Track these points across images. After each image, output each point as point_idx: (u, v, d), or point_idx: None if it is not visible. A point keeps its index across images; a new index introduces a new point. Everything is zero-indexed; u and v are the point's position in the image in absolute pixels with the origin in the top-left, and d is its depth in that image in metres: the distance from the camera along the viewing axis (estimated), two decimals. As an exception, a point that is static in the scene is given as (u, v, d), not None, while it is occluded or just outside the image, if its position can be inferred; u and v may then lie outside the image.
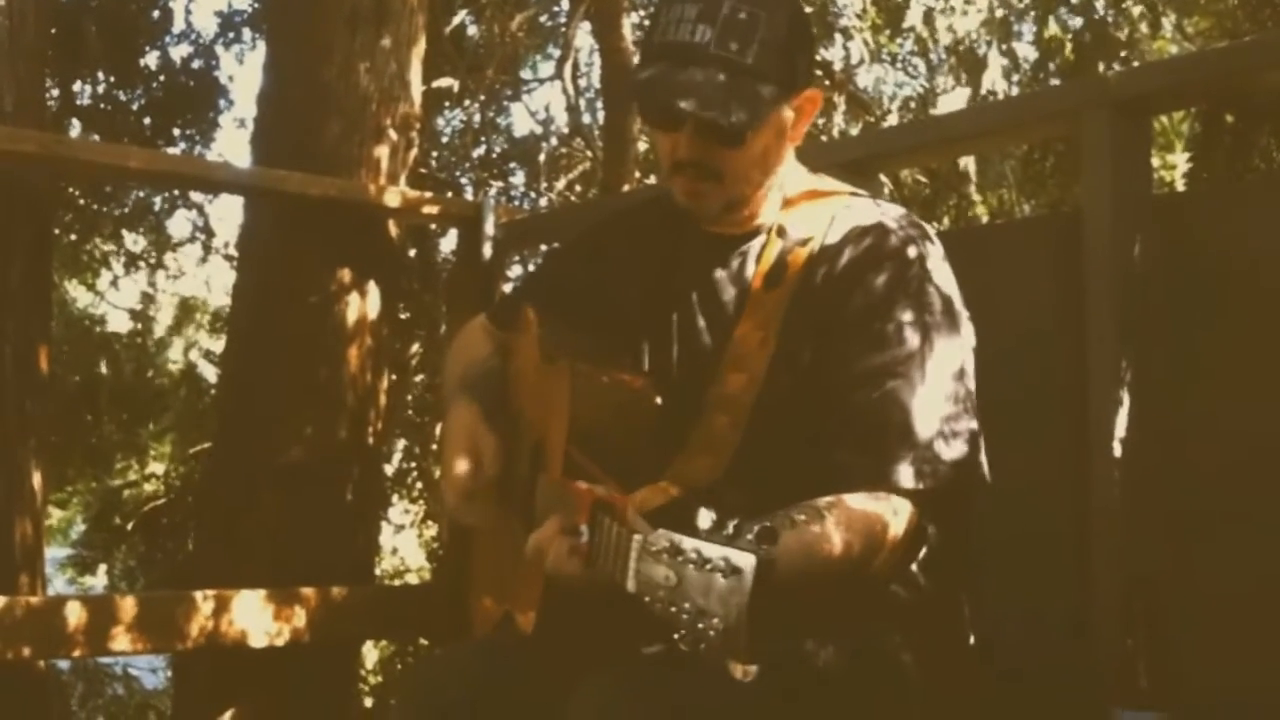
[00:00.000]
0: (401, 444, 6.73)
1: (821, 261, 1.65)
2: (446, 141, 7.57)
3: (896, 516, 1.50)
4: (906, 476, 1.52)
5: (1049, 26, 5.96)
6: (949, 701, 1.63)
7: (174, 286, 9.05)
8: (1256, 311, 1.99)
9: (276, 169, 3.65)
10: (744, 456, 1.59)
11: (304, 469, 3.65)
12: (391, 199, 3.58)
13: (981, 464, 1.59)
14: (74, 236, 7.16)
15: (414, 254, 5.86)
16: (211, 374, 8.19)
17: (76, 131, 6.64)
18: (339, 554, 3.67)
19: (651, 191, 2.82)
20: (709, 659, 1.14)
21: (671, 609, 1.17)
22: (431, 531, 7.17)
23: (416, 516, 7.41)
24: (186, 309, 9.54)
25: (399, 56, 3.97)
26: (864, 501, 1.48)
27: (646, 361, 1.72)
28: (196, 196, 7.26)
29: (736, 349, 1.64)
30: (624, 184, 5.96)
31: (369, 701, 6.35)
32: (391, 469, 6.64)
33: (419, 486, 7.02)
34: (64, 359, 7.48)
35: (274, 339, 3.77)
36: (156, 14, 6.78)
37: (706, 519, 1.18)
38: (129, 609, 2.96)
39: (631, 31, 6.09)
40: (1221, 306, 2.02)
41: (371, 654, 6.81)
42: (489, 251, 3.46)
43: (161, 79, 6.87)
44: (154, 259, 8.09)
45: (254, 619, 3.05)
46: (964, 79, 6.04)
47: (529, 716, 1.54)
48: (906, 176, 6.19)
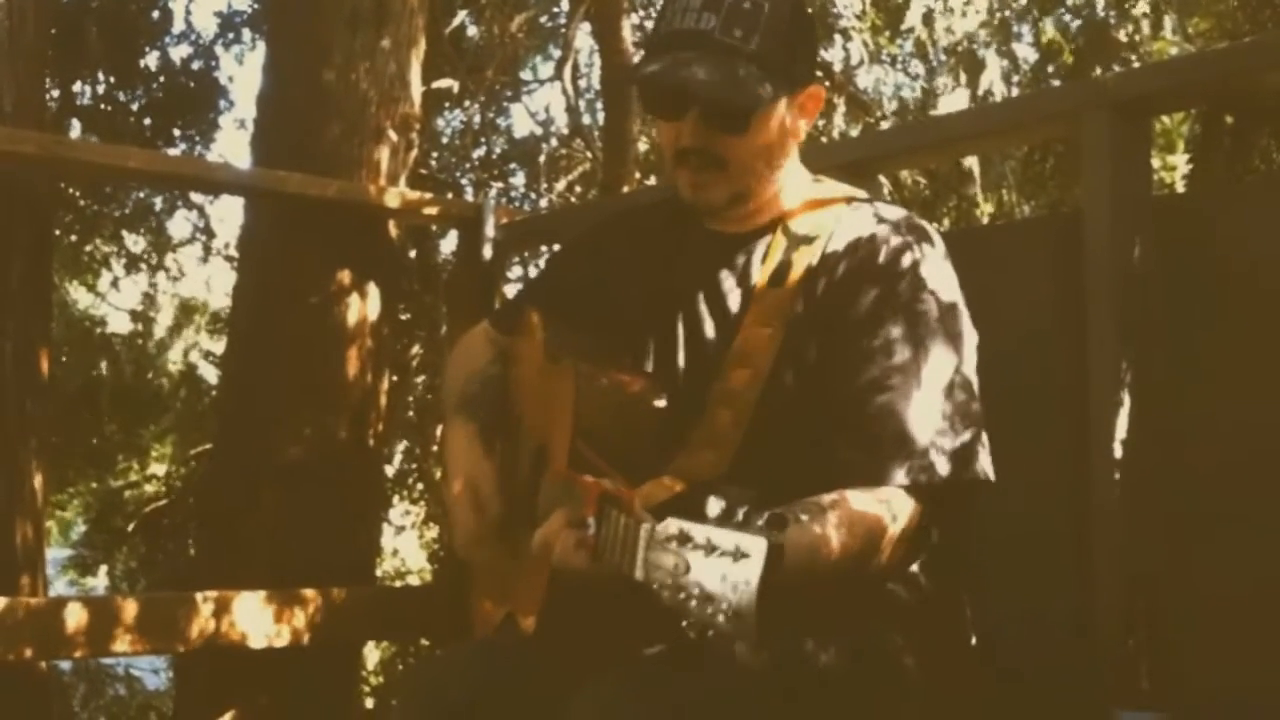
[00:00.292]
0: (402, 445, 6.72)
1: (822, 272, 1.65)
2: (446, 142, 7.57)
3: (896, 515, 1.51)
4: (903, 477, 1.52)
5: (1047, 29, 5.97)
6: (950, 701, 1.63)
7: (174, 287, 9.04)
8: (1256, 312, 1.99)
9: (276, 170, 3.65)
10: (747, 452, 1.59)
11: (304, 470, 3.65)
12: (391, 200, 3.58)
13: (984, 466, 1.59)
14: (74, 237, 7.15)
15: (414, 255, 5.86)
16: (212, 375, 8.19)
17: (76, 132, 6.63)
18: (340, 555, 3.67)
19: (655, 194, 2.82)
20: (717, 645, 1.14)
21: (680, 595, 1.16)
22: (432, 533, 7.16)
23: (417, 518, 7.41)
24: (187, 310, 9.52)
25: (399, 57, 3.97)
26: (865, 500, 1.49)
27: (650, 361, 1.73)
28: (197, 197, 7.26)
29: (741, 345, 1.64)
30: (624, 185, 5.96)
31: (370, 703, 6.34)
32: (392, 470, 6.63)
33: (420, 488, 7.01)
34: (64, 360, 7.47)
35: (274, 340, 3.77)
36: (156, 14, 6.77)
37: (716, 506, 1.18)
38: (130, 610, 2.96)
39: (632, 33, 6.10)
40: (1221, 307, 2.02)
41: (373, 655, 6.80)
42: (489, 252, 3.46)
43: (161, 80, 6.87)
44: (154, 260, 8.08)
45: (255, 620, 3.05)
46: (963, 80, 6.04)
47: (530, 717, 1.54)
48: (906, 178, 6.18)
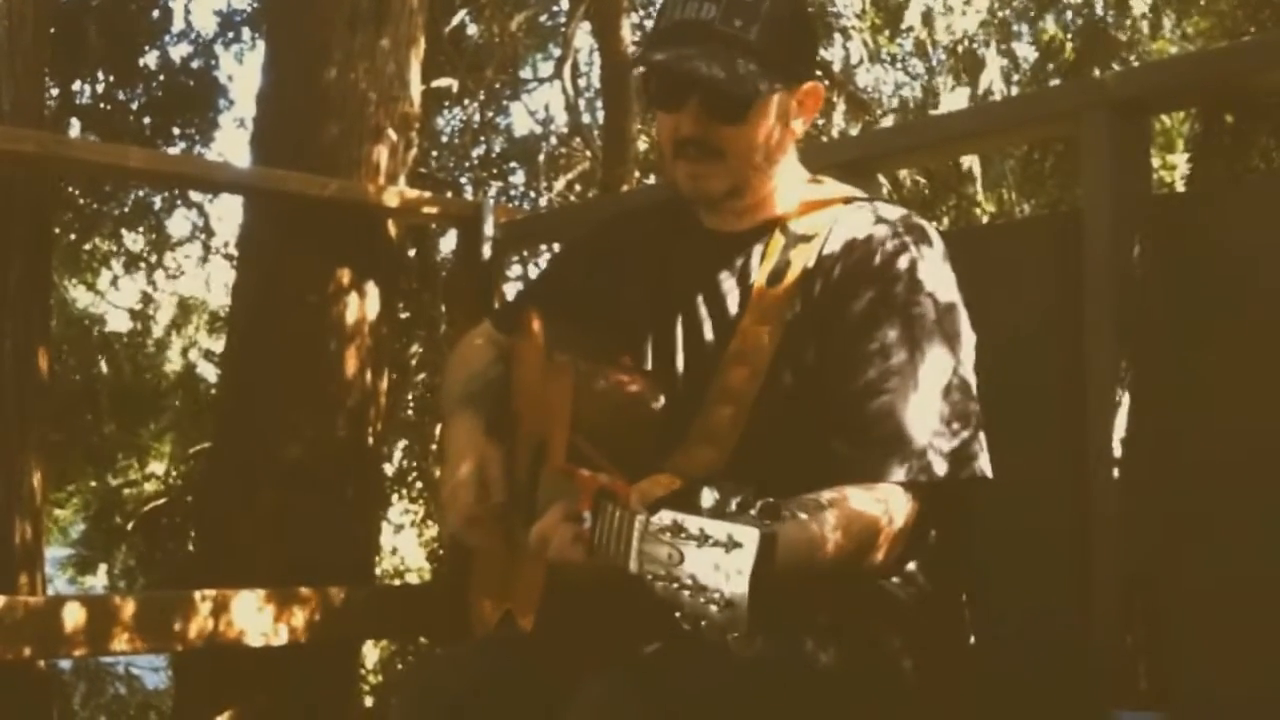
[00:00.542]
0: (402, 444, 6.72)
1: (819, 273, 1.65)
2: (446, 141, 7.56)
3: (893, 513, 1.51)
4: (900, 475, 1.52)
5: (1046, 28, 5.97)
6: (948, 701, 1.63)
7: (174, 286, 9.03)
8: (1256, 310, 1.99)
9: (276, 169, 3.65)
10: (745, 450, 1.59)
11: (303, 468, 3.65)
12: (391, 199, 3.58)
13: (982, 465, 1.59)
14: (73, 236, 7.14)
15: (413, 254, 5.85)
16: (211, 374, 8.18)
17: (76, 131, 6.62)
18: (339, 554, 3.67)
19: (655, 194, 2.82)
20: (710, 635, 1.14)
21: (673, 586, 1.16)
22: (432, 531, 7.16)
23: (416, 516, 7.40)
24: (186, 309, 9.52)
25: (398, 56, 3.97)
26: (863, 497, 1.49)
27: (650, 360, 1.73)
28: (196, 196, 7.24)
29: (740, 344, 1.64)
30: (624, 184, 5.96)
31: (370, 701, 6.34)
32: (391, 469, 6.63)
33: (419, 486, 7.01)
34: (63, 359, 7.46)
35: (274, 339, 3.77)
36: (156, 14, 6.76)
37: (709, 498, 1.18)
38: (128, 609, 2.96)
39: (631, 32, 6.10)
40: (1221, 306, 2.02)
41: (372, 654, 6.80)
42: (488, 251, 3.46)
43: (161, 78, 6.86)
44: (154, 259, 8.07)
45: (253, 619, 3.05)
46: (963, 79, 6.04)
47: (529, 715, 1.54)
48: (905, 177, 6.18)
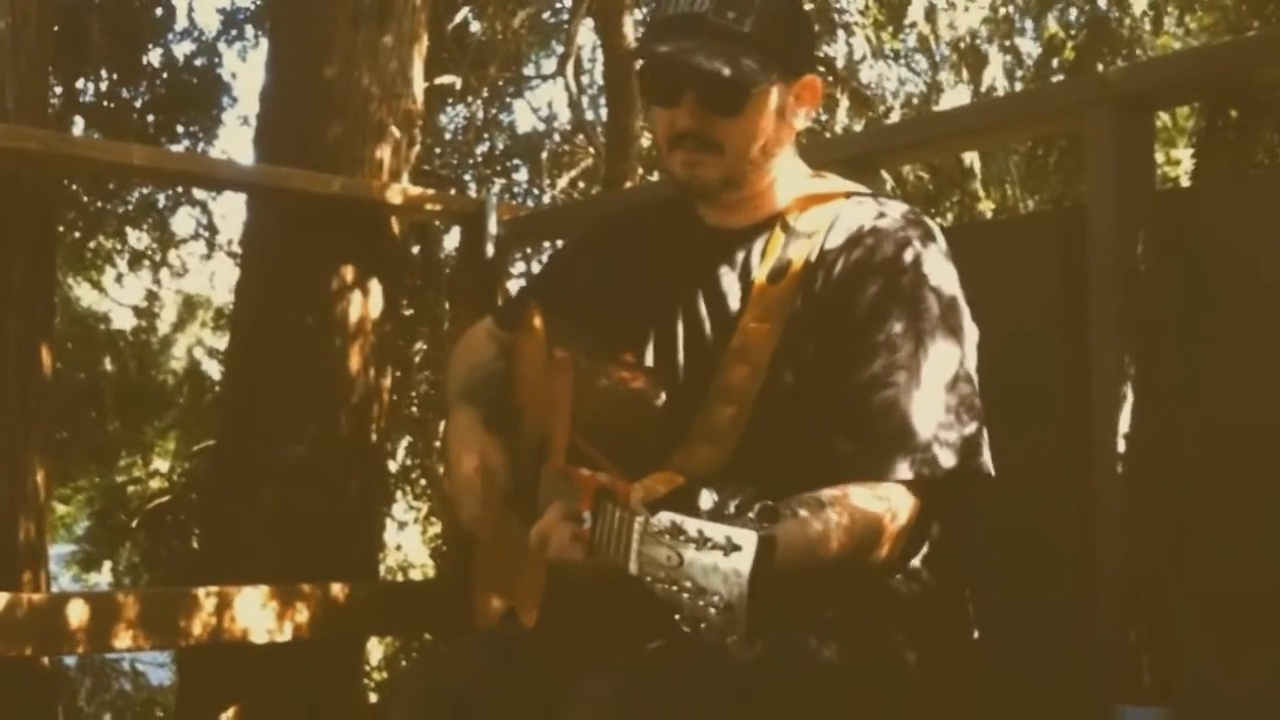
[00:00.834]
0: (405, 441, 6.72)
1: (821, 266, 1.65)
2: (449, 138, 7.57)
3: (896, 511, 1.51)
4: (905, 471, 1.52)
5: (1048, 24, 5.96)
6: (951, 697, 1.63)
7: (178, 284, 9.04)
8: (1260, 306, 1.98)
9: (279, 166, 3.65)
10: (747, 448, 1.59)
11: (307, 466, 3.65)
12: (394, 196, 3.58)
13: (985, 461, 1.59)
14: (78, 234, 7.15)
15: (417, 251, 5.85)
16: (215, 371, 8.20)
17: (80, 129, 6.63)
18: (342, 551, 3.67)
19: (656, 190, 2.82)
20: (709, 637, 1.14)
21: (673, 588, 1.17)
22: (435, 528, 7.16)
23: (420, 513, 7.41)
24: (190, 306, 9.54)
25: (401, 54, 3.97)
26: (865, 495, 1.49)
27: (651, 357, 1.73)
28: (200, 194, 7.24)
29: (741, 341, 1.64)
30: (627, 180, 5.96)
31: (374, 697, 6.34)
32: (395, 466, 6.63)
33: (423, 483, 7.02)
34: (68, 356, 7.47)
35: (277, 336, 3.77)
36: (159, 11, 6.76)
37: (708, 500, 1.18)
38: (132, 606, 2.96)
39: (634, 28, 6.09)
40: (1225, 301, 2.02)
41: (377, 650, 6.81)
42: (492, 249, 3.46)
43: (165, 76, 6.86)
44: (158, 256, 8.08)
45: (257, 615, 3.05)
46: (965, 75, 6.03)
47: (532, 709, 1.54)
48: (909, 173, 6.17)
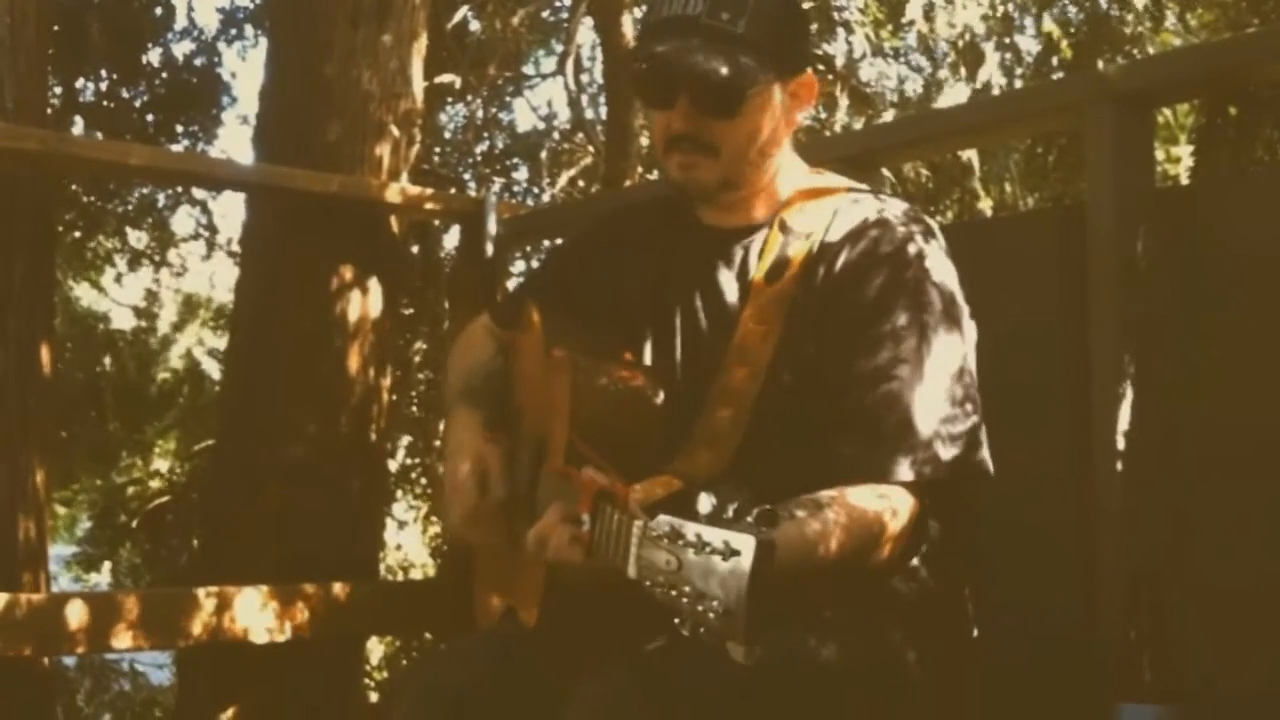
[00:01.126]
0: (405, 440, 6.72)
1: (821, 260, 1.64)
2: (449, 137, 7.57)
3: (896, 511, 1.50)
4: (906, 471, 1.52)
5: (1045, 22, 5.95)
6: (952, 696, 1.62)
7: (177, 283, 9.05)
8: (1260, 304, 1.98)
9: (279, 166, 3.65)
10: (747, 450, 1.59)
11: (307, 465, 3.65)
12: (393, 195, 3.58)
13: (984, 458, 1.59)
14: (77, 234, 7.14)
15: (416, 250, 5.86)
16: (215, 371, 8.19)
17: (79, 129, 6.63)
18: (343, 550, 3.67)
19: (655, 189, 2.82)
20: (709, 642, 1.14)
21: (672, 593, 1.17)
22: (435, 528, 7.16)
23: (420, 513, 7.41)
24: (190, 306, 9.54)
25: (401, 53, 3.97)
26: (864, 496, 1.48)
27: (649, 356, 1.72)
28: (200, 193, 7.24)
29: (739, 343, 1.64)
30: (626, 179, 5.95)
31: (375, 697, 6.34)
32: (395, 465, 6.63)
33: (423, 483, 7.01)
34: (68, 356, 7.48)
35: (277, 336, 3.77)
36: (159, 11, 6.76)
37: (707, 504, 1.18)
38: (131, 606, 2.96)
39: (633, 27, 6.08)
40: (1225, 299, 2.02)
41: (377, 650, 6.81)
42: (491, 248, 3.46)
43: (164, 76, 6.86)
44: (157, 256, 8.08)
45: (257, 615, 3.05)
46: (964, 74, 6.02)
47: (532, 708, 1.55)
48: (909, 170, 6.17)
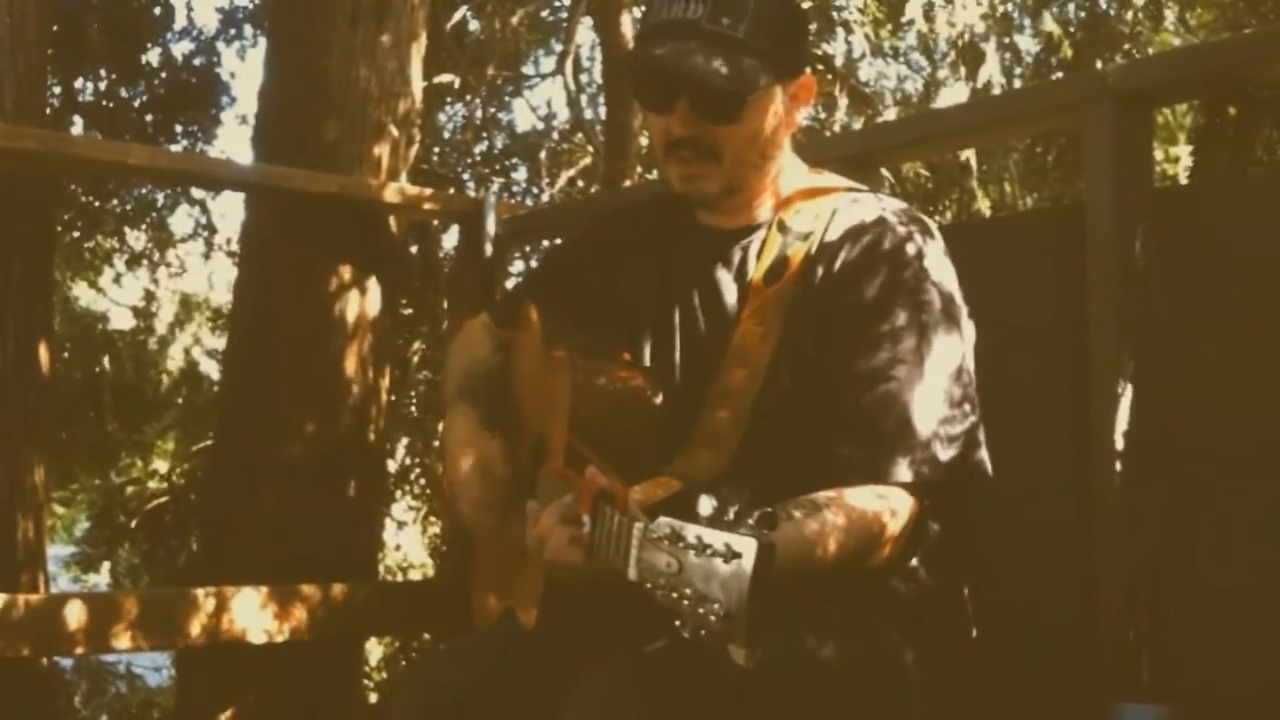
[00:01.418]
0: (404, 441, 6.72)
1: (820, 259, 1.64)
2: (448, 137, 7.57)
3: (895, 512, 1.50)
4: (904, 472, 1.52)
5: (1044, 21, 5.96)
6: (950, 696, 1.62)
7: (176, 283, 9.05)
8: (1259, 304, 1.98)
9: (278, 165, 3.65)
10: (746, 451, 1.58)
11: (306, 466, 3.65)
12: (392, 195, 3.58)
13: (983, 458, 1.59)
14: (76, 234, 7.15)
15: (415, 250, 5.85)
16: (214, 371, 8.19)
17: (78, 129, 6.63)
18: (342, 551, 3.67)
19: (654, 188, 2.82)
20: (710, 644, 1.14)
21: (673, 595, 1.17)
22: (435, 528, 7.16)
23: (420, 513, 7.41)
24: (188, 306, 9.53)
25: (400, 53, 3.96)
26: (863, 497, 1.48)
27: (648, 357, 1.72)
28: (198, 193, 7.26)
29: (738, 344, 1.64)
30: (626, 179, 5.95)
31: (374, 698, 6.34)
32: (394, 465, 6.63)
33: (422, 483, 7.01)
34: (66, 356, 7.48)
35: (276, 336, 3.77)
36: (158, 10, 6.77)
37: (708, 506, 1.18)
38: (130, 606, 2.95)
39: (633, 27, 6.08)
40: (1224, 299, 2.02)
41: (376, 650, 6.80)
42: (490, 248, 3.46)
43: (163, 75, 6.87)
44: (156, 256, 8.09)
45: (256, 616, 3.05)
46: (963, 73, 6.03)
47: (531, 708, 1.54)
48: (908, 170, 6.17)
